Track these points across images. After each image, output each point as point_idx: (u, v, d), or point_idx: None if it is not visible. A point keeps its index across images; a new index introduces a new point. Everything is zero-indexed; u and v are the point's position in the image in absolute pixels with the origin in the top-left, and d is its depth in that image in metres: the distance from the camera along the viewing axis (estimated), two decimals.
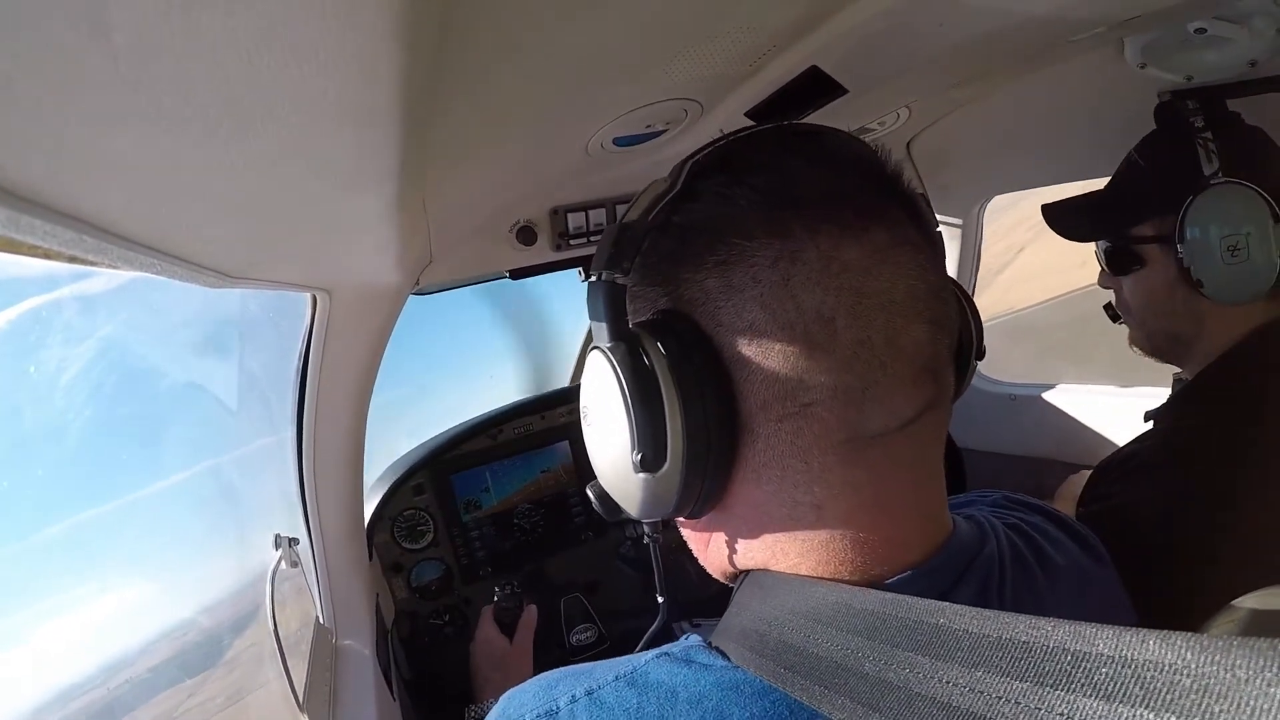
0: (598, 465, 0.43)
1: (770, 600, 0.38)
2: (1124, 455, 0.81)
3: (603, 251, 0.39)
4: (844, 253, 0.36)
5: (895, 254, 0.37)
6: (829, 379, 0.36)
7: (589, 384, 0.42)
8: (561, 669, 0.42)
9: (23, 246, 0.30)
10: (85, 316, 0.71)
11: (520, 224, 1.00)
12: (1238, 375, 0.77)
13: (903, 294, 0.36)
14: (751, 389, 0.37)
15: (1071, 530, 0.50)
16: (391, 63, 0.31)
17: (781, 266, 0.36)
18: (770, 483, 0.38)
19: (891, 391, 0.36)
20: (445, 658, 1.29)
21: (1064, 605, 0.43)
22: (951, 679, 0.28)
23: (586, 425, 0.43)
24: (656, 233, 0.39)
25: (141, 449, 0.87)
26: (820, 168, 0.38)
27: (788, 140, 0.41)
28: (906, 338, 0.36)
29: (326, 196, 0.49)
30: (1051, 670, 0.25)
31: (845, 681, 0.31)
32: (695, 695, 0.35)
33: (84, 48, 0.22)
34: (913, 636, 0.30)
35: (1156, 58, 0.89)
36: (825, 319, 0.35)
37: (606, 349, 0.38)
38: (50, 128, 0.26)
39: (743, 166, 0.39)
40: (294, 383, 0.90)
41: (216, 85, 0.27)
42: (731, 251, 0.37)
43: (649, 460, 0.37)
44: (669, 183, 0.39)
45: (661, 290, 0.40)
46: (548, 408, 1.44)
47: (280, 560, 0.84)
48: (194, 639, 0.89)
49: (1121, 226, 0.85)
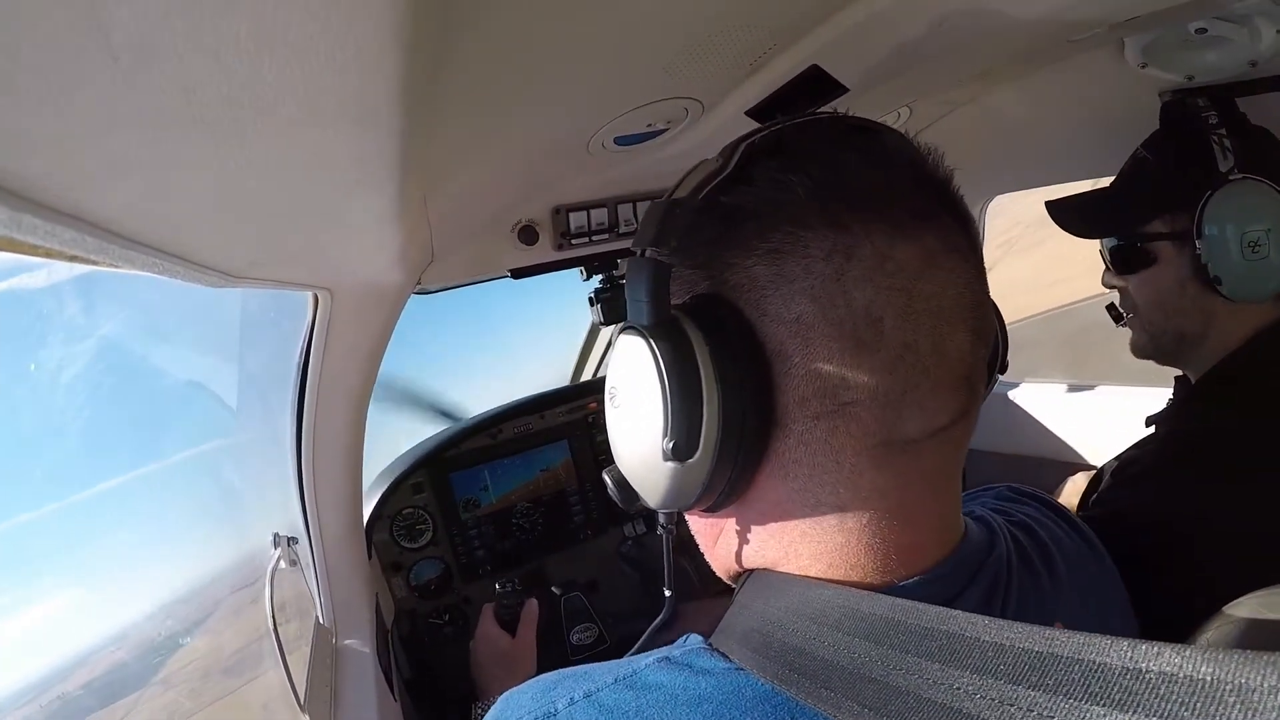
0: (620, 450, 0.42)
1: (775, 601, 0.38)
2: (1126, 460, 0.80)
3: (648, 227, 0.37)
4: (898, 253, 0.35)
5: (946, 260, 0.36)
6: (871, 379, 0.35)
7: (621, 365, 0.40)
8: (560, 671, 0.41)
9: (23, 246, 0.30)
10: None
11: (522, 223, 0.99)
12: (1241, 378, 0.77)
13: (951, 301, 0.36)
14: (791, 383, 0.36)
15: (1074, 525, 0.50)
16: (392, 62, 0.31)
17: (836, 260, 0.35)
18: (797, 480, 0.38)
19: (931, 398, 0.36)
20: (445, 657, 1.29)
21: (1067, 606, 0.43)
22: (961, 685, 0.28)
23: (613, 408, 0.41)
24: (703, 213, 0.37)
25: (139, 444, 0.86)
26: (877, 165, 0.37)
27: (845, 133, 0.39)
28: (951, 345, 0.36)
29: (328, 196, 0.49)
30: (1064, 679, 0.25)
31: (852, 685, 0.31)
32: (695, 698, 0.35)
33: (84, 48, 0.22)
34: (922, 643, 0.30)
35: (1157, 57, 0.89)
36: (874, 318, 0.34)
37: (645, 330, 0.37)
38: (50, 128, 0.26)
39: (800, 154, 0.37)
40: (294, 382, 0.90)
41: (217, 85, 0.27)
42: (785, 240, 0.35)
43: (680, 449, 0.36)
44: (720, 162, 0.38)
45: (704, 273, 0.39)
46: (548, 407, 1.44)
47: (279, 559, 0.84)
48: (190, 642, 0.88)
49: (1131, 224, 0.84)
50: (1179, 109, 0.87)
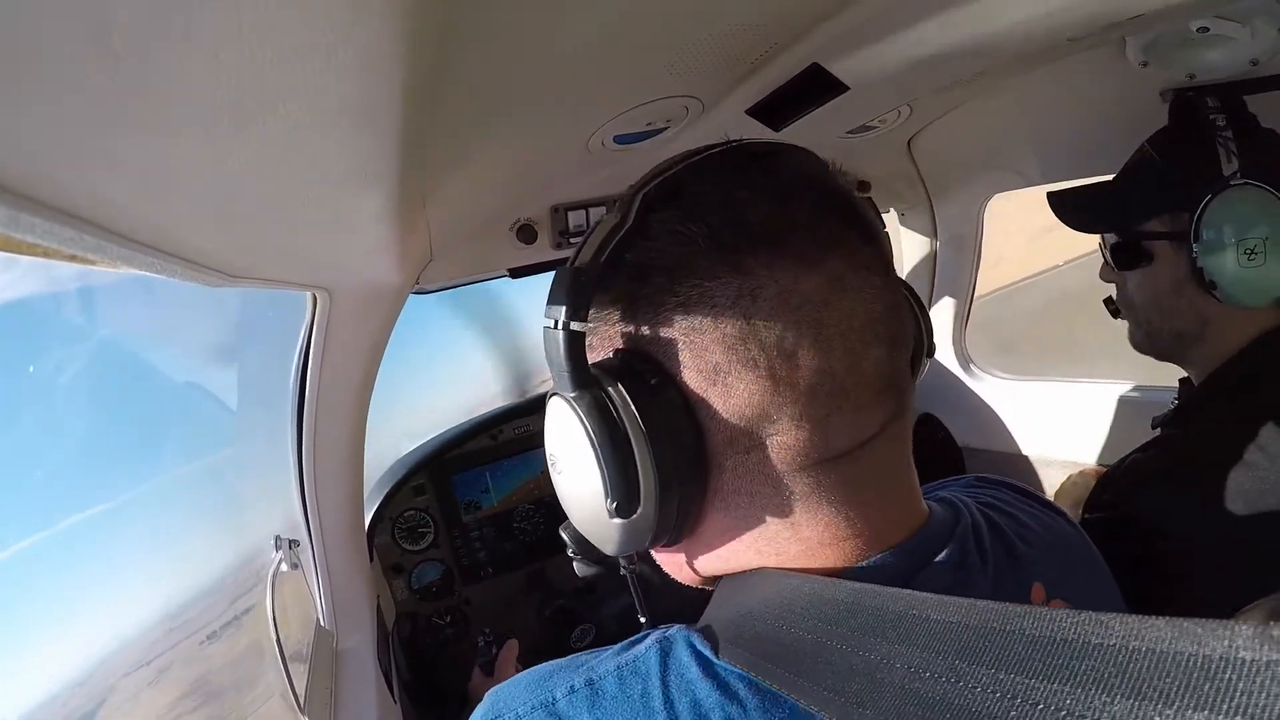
0: (571, 511, 0.43)
1: (745, 593, 0.39)
2: (1130, 463, 0.80)
3: (558, 298, 0.38)
4: (802, 284, 0.36)
5: (853, 280, 0.37)
6: (793, 409, 0.36)
7: (554, 432, 0.41)
8: (552, 662, 0.41)
9: (22, 245, 0.30)
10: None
11: (521, 222, 0.99)
12: (1246, 381, 0.76)
13: (861, 320, 0.37)
14: (716, 426, 0.37)
15: (1046, 505, 0.51)
16: (392, 62, 0.31)
17: (743, 304, 0.36)
18: (740, 509, 0.39)
19: (855, 414, 0.37)
20: (446, 659, 1.29)
21: (1045, 574, 0.44)
22: (913, 664, 0.28)
23: (555, 474, 0.43)
24: (609, 272, 0.38)
25: (140, 450, 0.86)
26: (774, 199, 0.38)
27: (740, 168, 0.39)
28: (867, 361, 0.37)
29: (327, 195, 0.49)
30: (1012, 653, 0.26)
31: (814, 668, 0.32)
32: (699, 674, 0.35)
33: (84, 48, 0.22)
34: (876, 623, 0.31)
35: (1158, 56, 0.89)
36: (787, 353, 0.36)
37: (570, 398, 0.38)
38: (50, 127, 0.26)
39: (696, 201, 0.38)
40: (294, 382, 0.90)
41: (216, 84, 0.27)
42: (692, 292, 0.36)
43: (623, 507, 0.38)
44: (619, 217, 0.38)
45: (619, 330, 0.40)
46: None
47: (280, 562, 0.84)
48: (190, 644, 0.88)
49: (1131, 221, 0.83)
50: (1188, 106, 0.85)
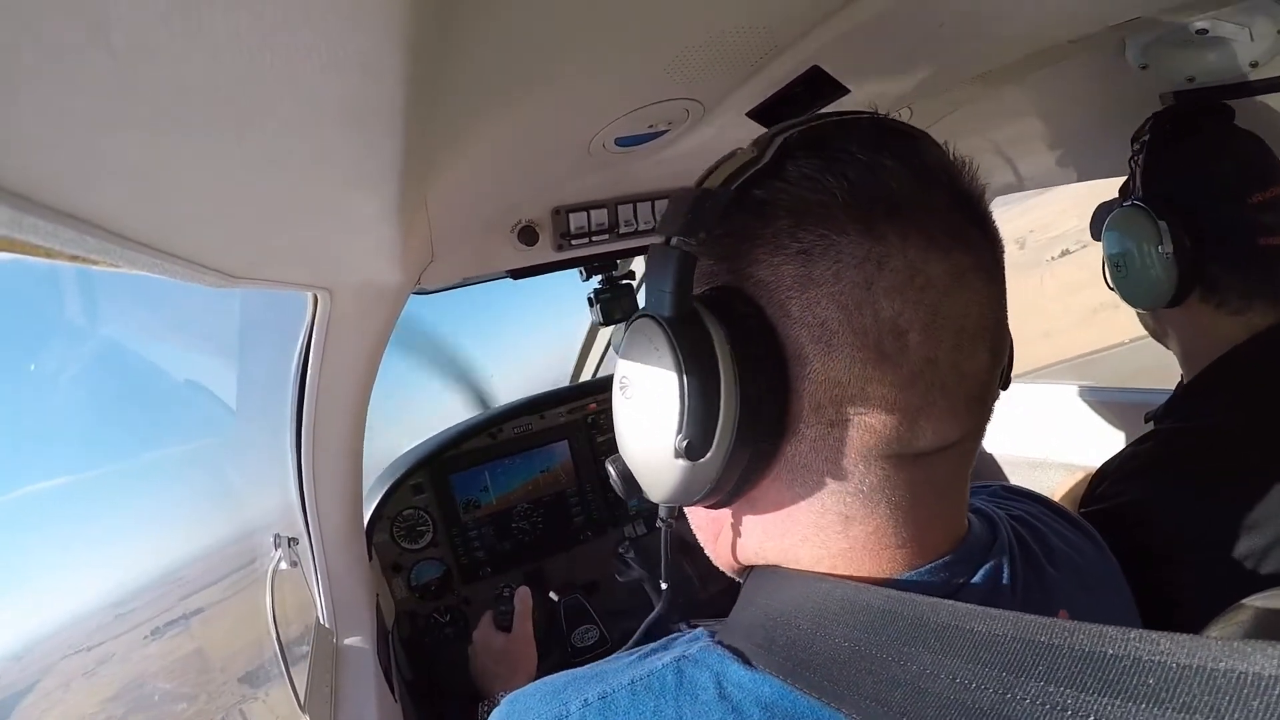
0: (627, 442, 0.41)
1: (779, 596, 0.38)
2: (1124, 457, 0.81)
3: (677, 215, 0.36)
4: (930, 267, 0.34)
5: (974, 279, 0.36)
6: (890, 392, 0.34)
7: (636, 355, 0.38)
8: (567, 672, 0.41)
9: (24, 246, 0.30)
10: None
11: (522, 224, 0.99)
12: (1236, 378, 0.78)
13: (974, 321, 0.35)
14: (809, 388, 0.35)
15: (1073, 522, 0.50)
16: (393, 62, 0.31)
17: (868, 269, 0.34)
18: (804, 486, 0.37)
19: (947, 414, 0.36)
20: (446, 658, 1.29)
21: (1069, 596, 0.44)
22: (958, 675, 0.28)
23: (623, 398, 0.40)
24: (733, 205, 0.36)
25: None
26: (916, 175, 0.36)
27: (884, 137, 0.38)
28: (971, 365, 0.36)
29: (328, 196, 0.49)
30: (1062, 667, 0.25)
31: (852, 677, 0.31)
32: (714, 698, 0.35)
33: (84, 48, 0.22)
34: (915, 632, 0.30)
35: (1158, 58, 0.89)
36: (899, 331, 0.34)
37: (666, 321, 0.36)
38: (51, 128, 0.26)
39: (838, 154, 0.36)
40: (293, 382, 0.90)
41: (217, 85, 0.27)
42: (817, 242, 0.34)
43: (694, 448, 0.35)
44: (754, 153, 0.36)
45: (727, 266, 0.37)
46: (547, 407, 1.44)
47: (279, 560, 0.84)
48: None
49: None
50: (1148, 125, 0.90)
